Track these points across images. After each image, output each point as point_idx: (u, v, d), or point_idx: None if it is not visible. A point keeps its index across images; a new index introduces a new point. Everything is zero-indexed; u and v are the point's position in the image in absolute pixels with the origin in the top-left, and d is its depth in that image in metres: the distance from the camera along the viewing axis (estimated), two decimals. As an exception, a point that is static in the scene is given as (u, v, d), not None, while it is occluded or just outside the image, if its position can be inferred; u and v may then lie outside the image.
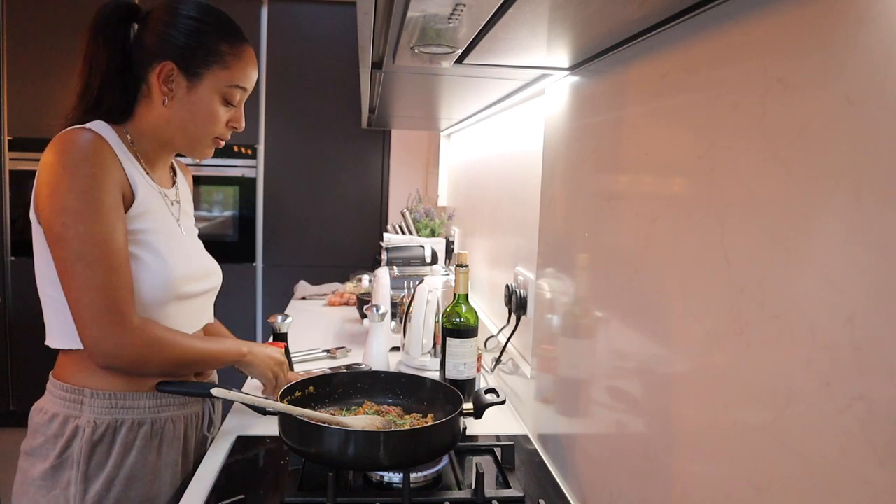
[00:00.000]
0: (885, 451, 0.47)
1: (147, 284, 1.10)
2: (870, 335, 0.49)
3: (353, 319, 2.45)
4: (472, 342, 1.46)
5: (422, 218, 2.76)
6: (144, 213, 1.11)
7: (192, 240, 1.26)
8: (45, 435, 1.11)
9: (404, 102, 1.89)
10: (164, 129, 1.15)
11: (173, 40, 1.10)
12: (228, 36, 1.14)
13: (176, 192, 1.25)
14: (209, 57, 1.12)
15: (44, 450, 1.10)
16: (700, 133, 0.75)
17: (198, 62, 1.12)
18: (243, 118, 1.22)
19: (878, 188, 0.49)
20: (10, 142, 3.51)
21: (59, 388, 1.12)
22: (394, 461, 1.05)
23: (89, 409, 1.10)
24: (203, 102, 1.14)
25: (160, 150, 1.19)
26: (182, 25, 1.11)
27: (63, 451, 1.09)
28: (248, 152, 3.66)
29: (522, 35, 0.89)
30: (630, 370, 0.93)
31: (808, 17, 0.57)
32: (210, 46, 1.12)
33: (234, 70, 1.15)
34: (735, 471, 0.66)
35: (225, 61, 1.13)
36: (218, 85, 1.14)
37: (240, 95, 1.18)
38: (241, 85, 1.17)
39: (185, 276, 1.15)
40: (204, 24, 1.12)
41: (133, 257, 1.08)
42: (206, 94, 1.13)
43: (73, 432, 1.09)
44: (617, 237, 0.98)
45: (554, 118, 1.31)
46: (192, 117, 1.14)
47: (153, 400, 1.15)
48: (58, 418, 1.10)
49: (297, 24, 3.61)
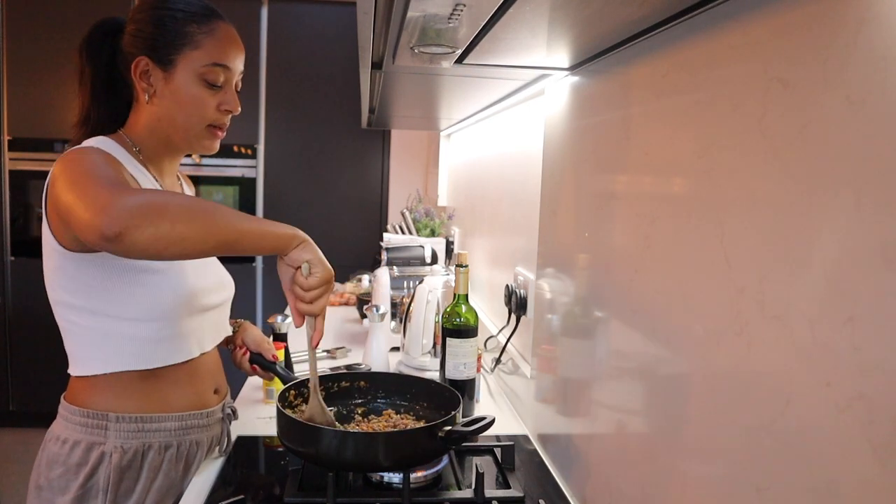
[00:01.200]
0: (885, 451, 0.47)
1: (165, 298, 1.08)
2: (870, 335, 0.49)
3: (353, 319, 2.45)
4: (472, 342, 1.46)
5: (422, 218, 2.76)
6: None
7: None
8: (65, 465, 1.06)
9: (404, 102, 1.89)
10: (157, 128, 1.13)
11: (142, 35, 1.09)
12: (196, 16, 1.10)
13: None
14: (178, 40, 1.08)
15: (63, 481, 1.06)
16: (700, 133, 0.75)
17: (168, 49, 1.08)
18: (237, 100, 1.15)
19: (878, 188, 0.49)
20: (10, 142, 3.51)
21: (78, 414, 1.08)
22: (390, 462, 1.05)
23: (115, 434, 1.07)
24: (183, 89, 1.09)
25: (164, 154, 1.17)
26: (149, 19, 1.09)
27: (87, 480, 1.06)
28: (248, 152, 3.66)
29: (522, 35, 0.89)
30: (630, 370, 0.93)
31: (808, 17, 0.57)
32: (178, 30, 1.09)
33: (208, 48, 1.10)
34: (735, 471, 0.66)
35: (195, 41, 1.09)
36: (193, 66, 1.09)
37: (223, 75, 1.12)
38: (219, 62, 1.10)
39: (203, 288, 1.14)
40: (170, 11, 1.10)
41: (151, 271, 1.07)
42: (184, 80, 1.09)
43: (99, 459, 1.06)
44: (617, 237, 0.98)
45: (554, 118, 1.31)
46: (178, 107, 1.10)
47: (179, 422, 1.14)
48: (80, 446, 1.07)
49: (297, 24, 3.61)
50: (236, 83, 1.17)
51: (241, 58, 1.16)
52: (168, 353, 1.11)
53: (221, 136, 1.17)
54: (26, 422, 3.54)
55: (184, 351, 1.13)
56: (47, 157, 3.50)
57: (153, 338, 1.09)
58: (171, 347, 1.11)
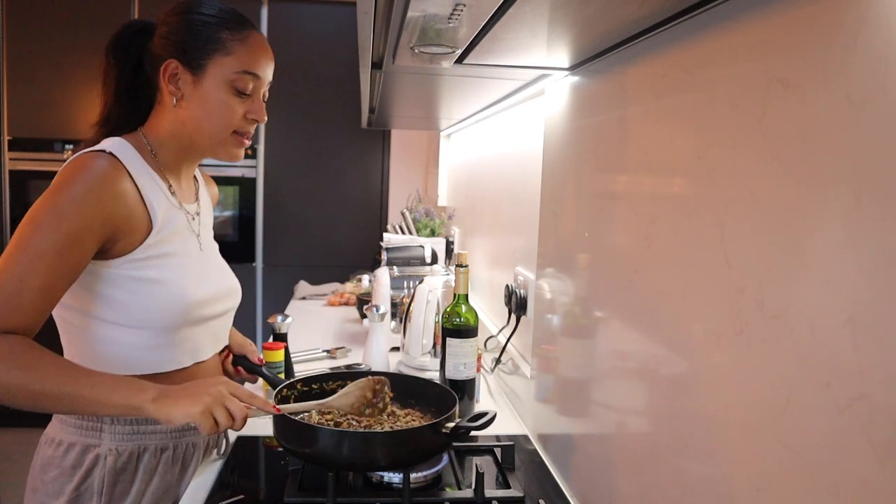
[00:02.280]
0: (885, 451, 0.47)
1: (163, 308, 1.07)
2: (870, 335, 0.49)
3: (353, 319, 2.45)
4: (472, 342, 1.46)
5: (422, 218, 2.76)
6: (165, 238, 1.08)
7: (212, 257, 1.23)
8: (59, 467, 1.06)
9: (404, 102, 1.89)
10: (181, 132, 1.12)
11: (174, 38, 1.09)
12: (229, 23, 1.10)
13: (197, 205, 1.22)
14: (209, 45, 1.08)
15: (57, 484, 1.06)
16: (700, 133, 0.75)
17: (199, 53, 1.08)
18: (264, 110, 1.15)
19: (877, 188, 0.49)
20: (10, 142, 3.51)
21: (73, 416, 1.07)
22: (389, 461, 1.05)
23: (110, 437, 1.07)
24: (212, 95, 1.09)
25: (183, 158, 1.16)
26: (182, 22, 1.09)
27: (81, 482, 1.05)
28: (248, 152, 3.65)
29: (522, 35, 0.89)
30: (630, 370, 0.93)
31: (808, 17, 0.57)
32: (210, 35, 1.08)
33: (239, 55, 1.09)
34: (735, 471, 0.66)
35: (227, 47, 1.09)
36: (224, 73, 1.09)
37: (252, 83, 1.11)
38: (249, 70, 1.10)
39: (202, 300, 1.13)
40: (203, 16, 1.10)
41: (153, 281, 1.06)
42: (214, 85, 1.09)
43: (94, 462, 1.06)
44: (617, 237, 0.98)
45: (554, 118, 1.31)
46: (205, 113, 1.10)
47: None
48: (74, 448, 1.06)
49: (297, 24, 3.61)
50: (264, 93, 1.17)
51: (271, 67, 1.16)
52: (158, 362, 1.10)
53: (247, 144, 1.16)
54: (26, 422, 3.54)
55: (174, 361, 1.12)
56: (47, 158, 3.49)
57: (145, 345, 1.08)
58: (162, 356, 1.10)
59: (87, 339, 1.07)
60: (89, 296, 1.05)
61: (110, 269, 1.04)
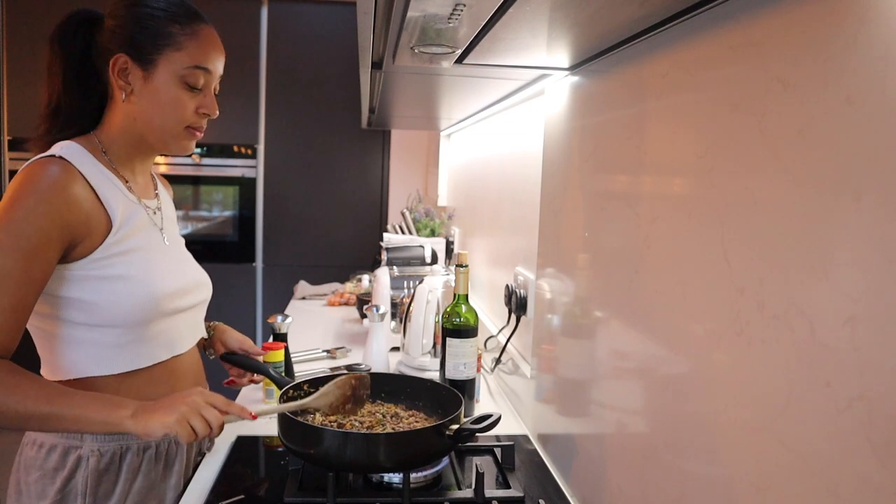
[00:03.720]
0: (885, 451, 0.47)
1: (131, 304, 1.06)
2: (870, 335, 0.49)
3: (353, 319, 2.45)
4: (472, 342, 1.46)
5: (422, 218, 2.76)
6: (127, 235, 1.08)
7: (178, 251, 1.22)
8: (41, 470, 1.05)
9: (404, 102, 1.89)
10: (132, 128, 1.10)
11: (122, 32, 1.07)
12: (179, 17, 1.08)
13: (157, 200, 1.21)
14: (159, 40, 1.07)
15: (40, 486, 1.05)
16: (700, 133, 0.75)
17: (149, 48, 1.06)
18: (215, 104, 1.14)
19: (877, 188, 0.49)
20: (10, 142, 3.51)
21: None
22: (393, 463, 1.04)
23: (91, 438, 1.06)
24: (163, 90, 1.07)
25: (136, 154, 1.15)
26: (129, 16, 1.07)
27: (64, 485, 1.05)
28: (248, 152, 3.66)
29: (522, 35, 0.89)
30: (630, 370, 0.93)
31: (808, 17, 0.57)
32: (159, 30, 1.07)
33: (190, 50, 1.08)
34: (735, 471, 0.66)
35: (178, 42, 1.07)
36: (174, 68, 1.07)
37: (203, 78, 1.10)
38: (200, 65, 1.09)
39: (170, 292, 1.12)
40: (151, 9, 1.08)
41: (118, 278, 1.05)
42: (164, 80, 1.07)
43: (76, 463, 1.05)
44: (617, 237, 0.98)
45: (554, 118, 1.31)
46: (156, 108, 1.08)
47: None
48: (56, 450, 1.05)
49: (297, 24, 3.61)
50: (215, 86, 1.15)
51: (221, 61, 1.15)
52: (133, 359, 1.09)
53: (199, 138, 1.15)
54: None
55: (151, 356, 1.12)
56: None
57: (119, 343, 1.07)
58: (136, 352, 1.10)
59: (61, 343, 1.06)
60: (58, 301, 1.04)
61: (74, 272, 1.03)
